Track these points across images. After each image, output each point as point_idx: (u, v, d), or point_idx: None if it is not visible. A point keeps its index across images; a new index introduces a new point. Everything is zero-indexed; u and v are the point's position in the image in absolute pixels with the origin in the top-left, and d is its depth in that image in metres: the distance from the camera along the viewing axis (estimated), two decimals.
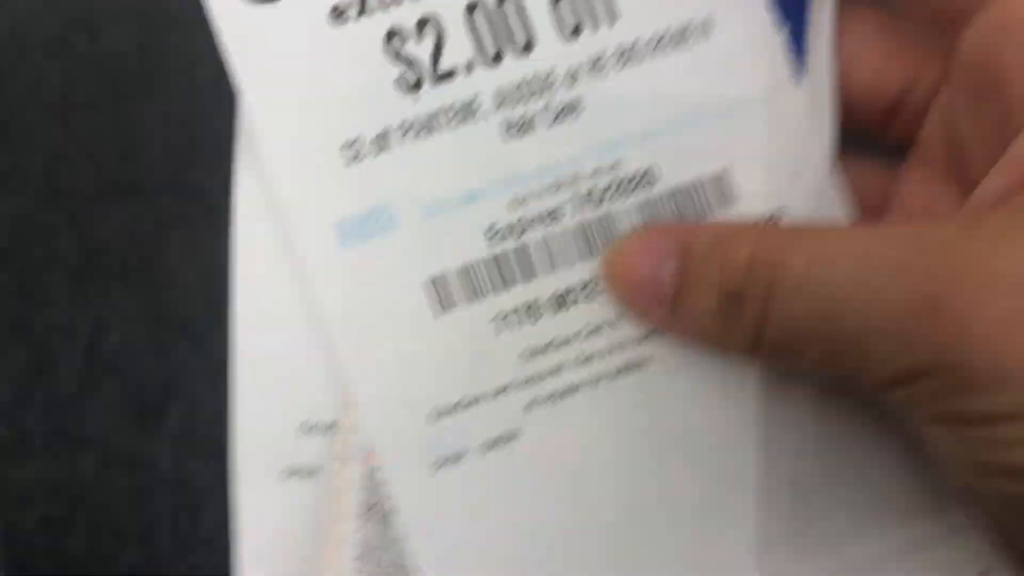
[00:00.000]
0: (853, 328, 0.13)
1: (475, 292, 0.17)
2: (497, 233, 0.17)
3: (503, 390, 0.17)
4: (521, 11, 0.16)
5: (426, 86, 0.16)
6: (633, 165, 0.17)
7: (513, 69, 0.16)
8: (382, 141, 0.16)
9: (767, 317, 0.14)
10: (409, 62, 0.16)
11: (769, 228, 0.16)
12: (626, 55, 0.17)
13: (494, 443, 0.17)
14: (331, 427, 0.17)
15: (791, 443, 0.17)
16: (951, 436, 0.14)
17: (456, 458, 0.17)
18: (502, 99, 0.16)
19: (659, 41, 0.17)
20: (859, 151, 0.17)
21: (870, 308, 0.13)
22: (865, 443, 0.17)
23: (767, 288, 0.14)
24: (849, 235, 0.14)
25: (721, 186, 0.17)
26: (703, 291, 0.15)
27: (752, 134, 0.17)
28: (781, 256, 0.14)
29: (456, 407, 0.17)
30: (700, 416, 0.17)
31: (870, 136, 0.18)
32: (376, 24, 0.16)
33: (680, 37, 0.17)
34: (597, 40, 0.17)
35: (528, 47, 0.16)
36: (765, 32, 0.17)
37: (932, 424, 0.14)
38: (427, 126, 0.16)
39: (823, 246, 0.14)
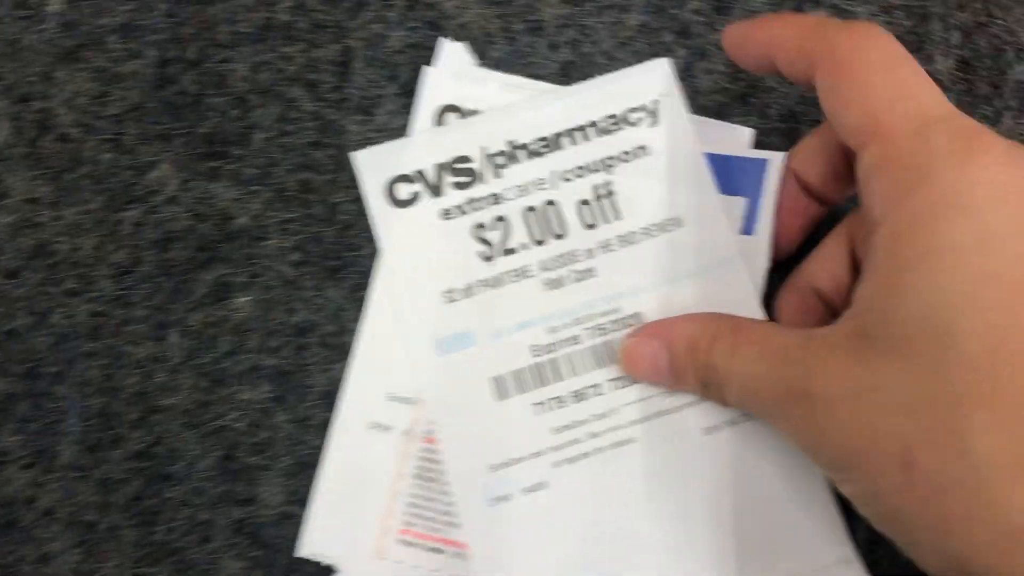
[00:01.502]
0: (767, 398, 0.22)
1: (522, 387, 0.26)
2: (538, 350, 0.26)
3: (538, 454, 0.25)
4: (558, 214, 0.26)
5: (497, 258, 0.26)
6: (628, 309, 0.26)
7: (552, 248, 0.26)
8: (468, 291, 0.26)
9: (724, 390, 0.23)
10: (487, 243, 0.26)
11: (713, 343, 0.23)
12: (625, 239, 0.26)
13: (531, 489, 0.25)
14: (408, 401, 0.26)
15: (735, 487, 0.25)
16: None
17: (506, 498, 0.25)
18: (544, 266, 0.26)
19: (647, 230, 0.26)
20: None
21: (763, 392, 0.22)
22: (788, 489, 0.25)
23: (720, 378, 0.23)
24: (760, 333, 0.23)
25: None
26: (688, 377, 0.24)
27: (708, 287, 0.26)
28: (721, 359, 0.23)
29: (507, 464, 0.25)
30: (671, 474, 0.25)
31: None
32: (468, 220, 0.26)
33: (661, 228, 0.26)
34: (607, 231, 0.26)
35: (562, 235, 0.26)
36: (718, 225, 0.26)
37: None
38: (497, 282, 0.26)
39: (742, 350, 0.22)
